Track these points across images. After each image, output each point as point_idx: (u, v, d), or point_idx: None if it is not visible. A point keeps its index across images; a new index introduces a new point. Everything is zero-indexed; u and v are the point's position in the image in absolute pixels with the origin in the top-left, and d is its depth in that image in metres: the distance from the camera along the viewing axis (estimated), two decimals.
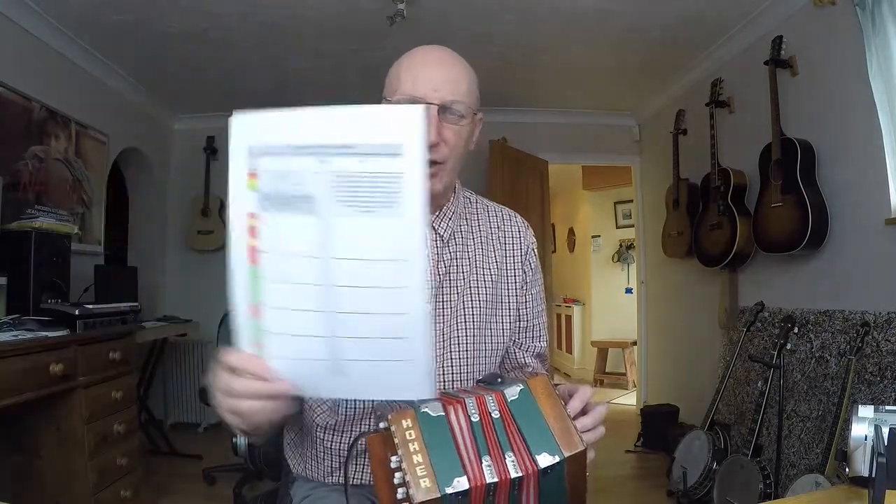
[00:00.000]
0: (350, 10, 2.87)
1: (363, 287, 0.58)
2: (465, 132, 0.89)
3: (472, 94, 0.89)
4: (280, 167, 0.55)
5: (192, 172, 4.34)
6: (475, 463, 0.59)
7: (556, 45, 3.31)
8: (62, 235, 2.57)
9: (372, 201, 0.55)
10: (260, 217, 0.57)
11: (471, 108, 0.88)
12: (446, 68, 0.87)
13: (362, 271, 0.57)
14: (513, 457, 0.60)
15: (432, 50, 0.90)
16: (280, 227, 0.57)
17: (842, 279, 2.37)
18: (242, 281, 0.59)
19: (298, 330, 0.61)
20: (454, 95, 0.86)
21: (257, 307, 0.60)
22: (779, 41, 2.63)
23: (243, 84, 3.86)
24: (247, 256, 0.58)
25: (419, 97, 0.84)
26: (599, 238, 6.21)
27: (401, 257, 0.57)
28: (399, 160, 0.54)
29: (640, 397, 4.54)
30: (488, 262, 0.99)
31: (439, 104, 0.84)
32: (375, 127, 0.55)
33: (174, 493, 2.88)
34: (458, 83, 0.87)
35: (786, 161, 2.47)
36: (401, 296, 0.58)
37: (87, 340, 2.16)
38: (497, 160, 3.93)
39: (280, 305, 0.60)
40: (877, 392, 2.09)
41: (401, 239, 0.56)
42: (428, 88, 0.85)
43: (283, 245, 0.57)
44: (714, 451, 2.53)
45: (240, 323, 0.62)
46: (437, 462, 0.59)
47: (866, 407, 0.72)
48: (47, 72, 2.96)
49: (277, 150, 0.55)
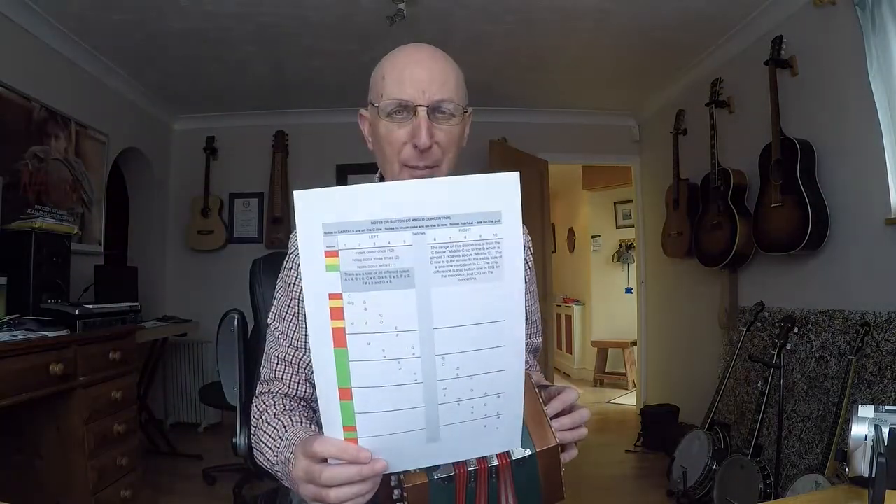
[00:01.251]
0: (350, 10, 2.87)
1: (463, 352, 0.57)
2: (457, 131, 0.87)
3: (460, 92, 0.87)
4: (366, 244, 0.52)
5: (192, 172, 4.35)
6: None
7: (555, 45, 3.31)
8: (62, 235, 2.57)
9: (473, 268, 0.54)
10: (346, 297, 0.53)
11: (460, 106, 0.86)
12: (432, 68, 0.84)
13: (462, 335, 0.56)
14: None
15: (415, 50, 0.87)
16: (372, 305, 0.54)
17: (842, 279, 2.37)
18: (328, 366, 0.56)
19: (396, 405, 0.58)
20: (442, 95, 0.83)
21: (347, 391, 0.57)
22: (779, 41, 2.63)
23: (243, 84, 3.87)
24: (332, 340, 0.55)
25: (407, 100, 0.82)
26: (599, 238, 6.21)
27: (500, 318, 0.57)
28: (498, 226, 0.54)
29: (640, 397, 4.54)
30: None
31: (428, 106, 0.82)
32: (474, 196, 0.53)
33: (174, 493, 2.88)
34: (446, 82, 0.84)
35: (786, 161, 2.47)
36: (500, 355, 0.58)
37: (87, 340, 2.16)
38: (497, 160, 3.93)
39: (374, 384, 0.57)
40: (877, 392, 2.09)
41: (501, 301, 0.56)
42: (415, 91, 0.82)
43: (377, 323, 0.55)
44: (714, 451, 2.53)
45: (327, 409, 0.58)
46: None
47: (866, 407, 0.72)
48: (47, 72, 2.96)
49: (359, 227, 0.52)
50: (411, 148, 0.83)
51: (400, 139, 0.84)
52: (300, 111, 4.39)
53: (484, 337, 0.57)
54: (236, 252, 4.28)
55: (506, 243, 0.54)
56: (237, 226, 4.41)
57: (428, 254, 0.53)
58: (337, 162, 4.36)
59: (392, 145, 0.84)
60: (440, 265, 0.54)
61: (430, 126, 0.82)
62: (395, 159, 0.85)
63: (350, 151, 4.11)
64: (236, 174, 4.41)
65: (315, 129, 4.40)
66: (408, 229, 0.52)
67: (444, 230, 0.53)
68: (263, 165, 4.37)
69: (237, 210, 4.43)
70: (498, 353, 0.58)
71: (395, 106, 0.83)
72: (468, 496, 0.65)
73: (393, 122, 0.84)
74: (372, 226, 0.52)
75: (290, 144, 4.40)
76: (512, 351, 0.58)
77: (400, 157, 0.84)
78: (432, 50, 0.87)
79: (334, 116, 4.30)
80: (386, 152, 0.86)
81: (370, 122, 0.90)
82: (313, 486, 0.62)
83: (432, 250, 0.53)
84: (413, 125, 0.83)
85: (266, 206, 4.37)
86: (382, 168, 0.90)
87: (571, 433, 0.73)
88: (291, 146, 4.40)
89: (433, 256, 0.53)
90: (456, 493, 0.64)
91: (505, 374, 0.59)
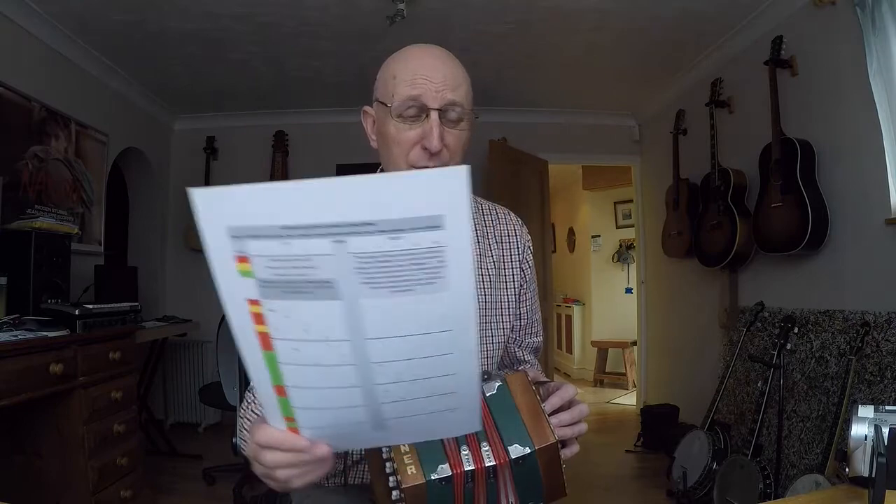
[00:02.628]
0: (350, 10, 2.87)
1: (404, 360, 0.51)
2: (465, 135, 0.86)
3: (469, 96, 0.86)
4: (278, 252, 0.44)
5: (192, 172, 4.35)
6: (455, 452, 0.65)
7: (556, 45, 3.31)
8: (62, 235, 2.57)
9: (410, 280, 0.46)
10: (265, 304, 0.46)
11: (468, 111, 0.85)
12: (445, 71, 0.83)
13: (401, 346, 0.50)
14: (487, 447, 0.66)
15: (427, 52, 0.86)
16: (295, 315, 0.47)
17: (842, 279, 2.37)
18: (259, 365, 0.51)
19: (333, 403, 0.54)
20: (454, 98, 0.82)
21: (281, 388, 0.52)
22: (779, 41, 2.63)
23: (243, 84, 3.87)
24: (258, 343, 0.49)
25: (419, 102, 0.81)
26: (599, 238, 6.21)
27: (447, 328, 0.49)
28: (439, 233, 0.44)
29: (640, 397, 4.54)
30: (486, 263, 0.98)
31: (440, 108, 0.82)
32: (408, 197, 0.43)
33: (174, 493, 2.88)
34: (458, 86, 0.84)
35: (786, 161, 2.47)
36: (447, 360, 0.52)
37: (87, 340, 2.16)
38: (497, 160, 3.93)
39: (308, 385, 0.52)
40: (877, 392, 2.09)
41: (447, 311, 0.48)
42: (428, 90, 0.81)
43: (301, 332, 0.48)
44: (714, 451, 2.53)
45: (266, 403, 0.55)
46: (422, 452, 0.64)
47: (866, 407, 0.72)
48: (47, 72, 2.96)
49: (269, 233, 0.43)
50: (420, 150, 0.83)
51: (410, 140, 0.83)
52: (300, 111, 4.39)
53: (428, 345, 0.50)
54: None
55: (451, 251, 0.45)
56: None
57: (351, 264, 0.44)
58: (337, 162, 4.35)
59: (401, 146, 0.84)
60: (367, 277, 0.45)
61: (442, 129, 0.82)
62: (403, 160, 0.84)
63: (350, 151, 4.09)
64: (236, 174, 4.40)
65: (315, 129, 4.40)
66: (325, 237, 0.43)
67: (369, 238, 0.44)
68: (263, 165, 4.37)
69: None
70: (445, 360, 0.51)
71: (407, 107, 0.82)
72: (466, 496, 0.65)
73: (404, 123, 0.83)
74: (283, 231, 0.43)
75: (290, 144, 4.40)
76: (462, 357, 0.52)
77: (408, 157, 0.84)
78: (444, 52, 0.87)
79: (334, 116, 4.30)
80: (393, 152, 0.85)
81: (376, 119, 0.89)
82: (261, 467, 0.62)
83: (356, 260, 0.44)
84: (424, 127, 0.82)
85: None
86: (387, 167, 0.89)
87: (571, 429, 0.73)
88: (291, 146, 4.40)
89: (358, 267, 0.45)
90: (454, 494, 0.64)
91: (455, 377, 0.53)
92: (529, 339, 1.06)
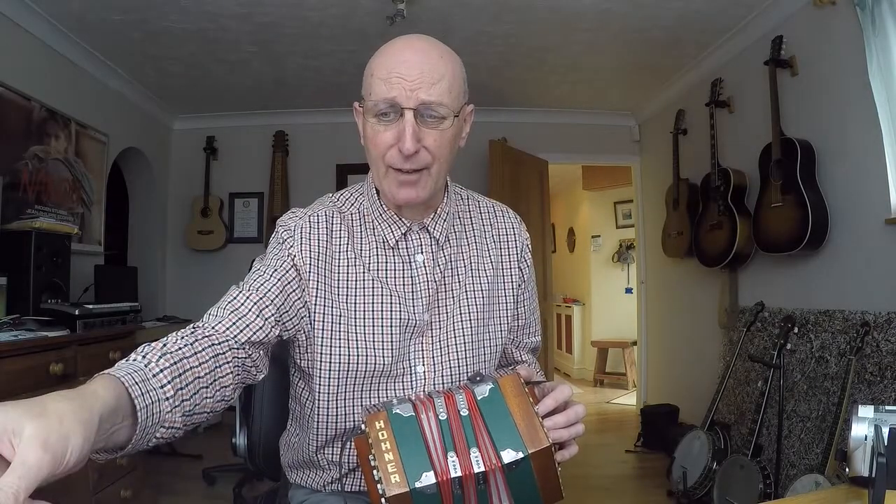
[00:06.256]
0: (350, 10, 2.87)
1: None
2: (449, 134, 0.81)
3: (454, 91, 0.80)
4: None
5: (192, 172, 4.35)
6: (442, 459, 0.64)
7: (556, 44, 3.31)
8: (62, 235, 2.57)
9: None
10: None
11: (452, 109, 0.79)
12: (422, 67, 0.77)
13: None
14: (477, 452, 0.64)
15: (406, 45, 0.80)
16: None
17: (842, 279, 2.37)
18: None
19: None
20: (431, 96, 0.77)
21: None
22: (779, 41, 2.63)
23: (243, 84, 3.87)
24: None
25: (392, 102, 0.77)
26: (599, 238, 6.21)
27: None
28: None
29: (640, 397, 4.54)
30: (483, 262, 0.96)
31: (415, 108, 0.77)
32: None
33: (174, 493, 2.88)
34: (436, 82, 0.77)
35: (786, 161, 2.47)
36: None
37: (87, 340, 2.16)
38: (497, 160, 3.93)
39: None
40: (877, 392, 2.09)
41: None
42: (402, 91, 0.76)
43: None
44: (714, 451, 2.53)
45: None
46: (406, 459, 0.63)
47: (866, 407, 0.72)
48: (47, 72, 2.96)
49: None
50: (397, 151, 0.79)
51: (385, 142, 0.80)
52: (300, 111, 4.39)
53: None
54: (236, 252, 4.28)
55: None
56: (237, 226, 4.41)
57: None
58: (337, 162, 4.36)
59: (377, 147, 0.81)
60: None
61: (417, 130, 0.78)
62: (381, 161, 0.82)
63: (350, 151, 4.11)
64: (236, 174, 4.41)
65: (315, 129, 4.40)
66: None
67: None
68: (263, 165, 4.37)
69: (237, 210, 4.43)
70: None
71: (381, 107, 0.78)
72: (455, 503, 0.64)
73: (379, 124, 0.79)
74: None
75: (290, 144, 4.40)
76: None
77: (385, 159, 0.81)
78: (427, 45, 0.81)
79: (334, 116, 4.30)
80: (372, 153, 0.83)
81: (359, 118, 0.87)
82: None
83: None
84: (398, 128, 0.78)
85: (266, 206, 4.37)
86: (370, 167, 0.87)
87: (567, 431, 0.72)
88: (291, 146, 4.40)
89: None
90: (442, 502, 0.63)
91: None
92: (527, 340, 1.05)
